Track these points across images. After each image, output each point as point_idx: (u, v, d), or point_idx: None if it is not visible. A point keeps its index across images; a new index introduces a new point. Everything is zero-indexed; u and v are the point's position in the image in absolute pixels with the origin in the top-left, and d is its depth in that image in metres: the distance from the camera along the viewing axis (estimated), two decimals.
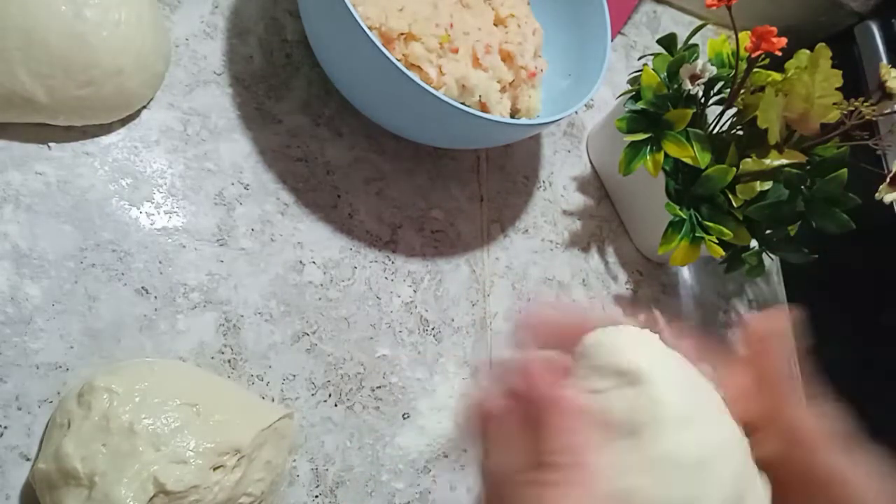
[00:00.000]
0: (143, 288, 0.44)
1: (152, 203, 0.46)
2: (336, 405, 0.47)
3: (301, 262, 0.49)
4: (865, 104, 0.51)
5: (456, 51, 0.51)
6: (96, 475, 0.35)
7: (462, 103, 0.46)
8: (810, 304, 0.75)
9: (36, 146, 0.44)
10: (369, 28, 0.44)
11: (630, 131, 0.57)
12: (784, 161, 0.53)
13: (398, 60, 0.44)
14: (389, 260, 0.53)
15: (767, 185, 0.54)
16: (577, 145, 0.68)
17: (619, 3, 0.70)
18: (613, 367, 0.28)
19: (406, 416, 0.49)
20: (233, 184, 0.49)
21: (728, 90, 0.55)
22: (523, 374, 0.28)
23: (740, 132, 0.57)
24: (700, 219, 0.56)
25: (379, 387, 0.49)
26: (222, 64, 0.52)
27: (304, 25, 0.52)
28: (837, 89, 0.51)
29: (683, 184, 0.58)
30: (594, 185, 0.67)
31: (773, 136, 0.52)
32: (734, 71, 0.55)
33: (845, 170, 0.53)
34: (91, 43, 0.42)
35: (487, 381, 0.31)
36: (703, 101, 0.58)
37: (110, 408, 0.36)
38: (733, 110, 0.57)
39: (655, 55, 0.59)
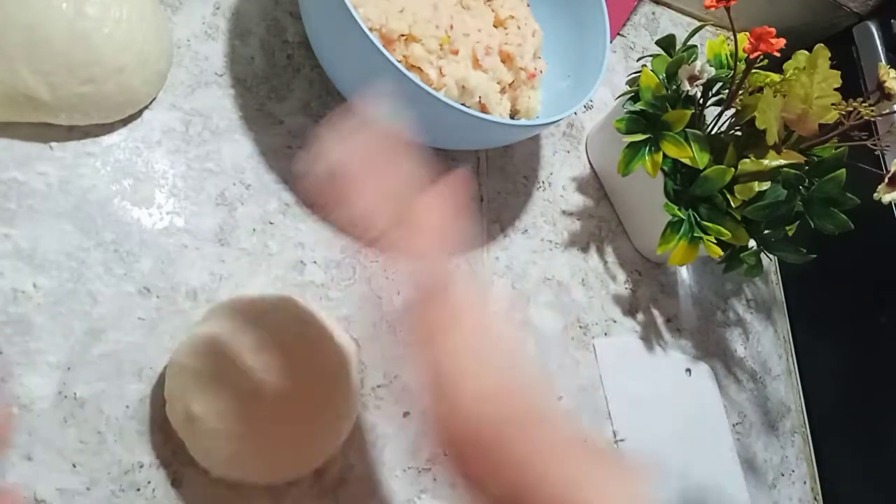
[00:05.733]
0: (145, 288, 0.44)
1: (154, 203, 0.46)
2: None
3: (302, 261, 0.50)
4: (864, 105, 0.51)
5: (456, 52, 0.51)
6: None
7: (462, 104, 0.46)
8: (808, 304, 0.76)
9: (38, 146, 0.44)
10: (370, 29, 0.44)
11: (629, 132, 0.57)
12: (782, 161, 0.53)
13: (399, 61, 0.44)
14: (390, 259, 0.53)
15: (766, 186, 0.54)
16: (576, 146, 0.68)
17: (618, 5, 0.71)
18: None
19: (406, 414, 0.49)
20: (234, 184, 0.49)
21: (726, 91, 0.56)
22: None
23: (739, 133, 0.57)
24: (698, 219, 0.57)
25: (379, 386, 0.49)
26: (224, 65, 0.52)
27: (305, 27, 0.52)
28: (836, 90, 0.51)
29: (682, 184, 0.58)
30: (593, 185, 0.67)
31: (772, 137, 0.52)
32: (733, 72, 0.55)
33: (843, 170, 0.53)
34: (92, 40, 0.42)
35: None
36: (701, 101, 0.58)
37: None
38: (732, 111, 0.57)
39: (654, 56, 0.60)
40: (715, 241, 0.55)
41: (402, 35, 0.48)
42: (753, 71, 0.53)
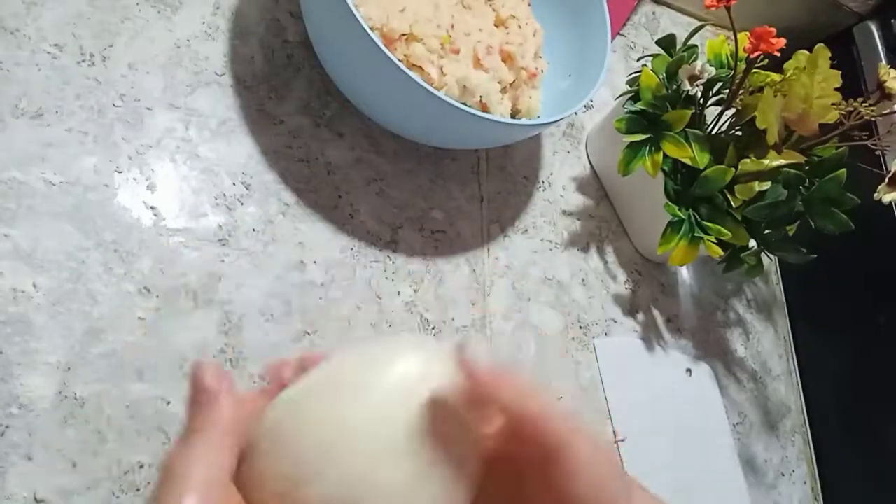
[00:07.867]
0: (144, 288, 0.44)
1: (154, 203, 0.46)
2: None
3: (302, 261, 0.50)
4: (864, 104, 0.51)
5: (457, 51, 0.51)
6: None
7: (463, 104, 0.46)
8: (808, 304, 0.76)
9: (36, 146, 0.44)
10: (371, 29, 0.44)
11: (629, 132, 0.57)
12: (783, 161, 0.53)
13: (399, 61, 0.44)
14: (390, 260, 0.53)
15: (766, 186, 0.54)
16: (576, 146, 0.68)
17: (619, 4, 0.71)
18: None
19: None
20: (234, 184, 0.49)
21: (727, 91, 0.56)
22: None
23: (739, 133, 0.57)
24: (699, 219, 0.57)
25: None
26: (223, 65, 0.52)
27: (306, 26, 0.52)
28: (836, 90, 0.51)
29: (682, 184, 0.58)
30: (593, 185, 0.67)
31: (772, 137, 0.52)
32: (733, 72, 0.55)
33: (844, 170, 0.53)
34: None
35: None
36: (701, 101, 0.58)
37: None
38: (732, 111, 0.57)
39: (654, 56, 0.60)
40: (715, 241, 0.55)
41: (403, 34, 0.48)
42: (754, 71, 0.53)
